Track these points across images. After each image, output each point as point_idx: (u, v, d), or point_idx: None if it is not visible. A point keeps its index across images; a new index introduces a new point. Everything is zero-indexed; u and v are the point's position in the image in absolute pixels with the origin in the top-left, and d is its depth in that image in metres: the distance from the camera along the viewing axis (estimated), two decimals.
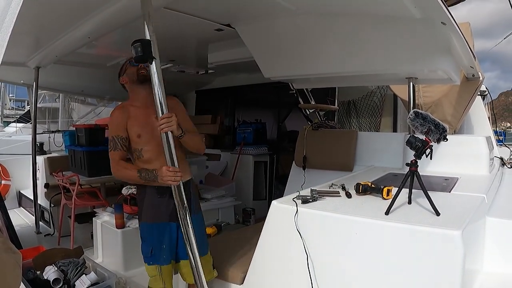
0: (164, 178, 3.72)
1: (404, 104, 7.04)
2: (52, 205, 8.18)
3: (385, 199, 3.51)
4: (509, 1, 9.79)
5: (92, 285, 4.72)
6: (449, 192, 3.82)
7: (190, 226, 3.64)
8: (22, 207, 10.26)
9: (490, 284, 3.02)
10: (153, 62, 3.50)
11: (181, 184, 3.70)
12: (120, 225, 5.95)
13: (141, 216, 4.33)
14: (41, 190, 8.59)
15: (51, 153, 9.87)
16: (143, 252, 4.25)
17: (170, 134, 3.63)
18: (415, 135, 3.37)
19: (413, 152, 3.32)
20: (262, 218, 3.74)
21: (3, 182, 10.10)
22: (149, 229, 4.25)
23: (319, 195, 3.67)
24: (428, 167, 4.64)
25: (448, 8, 3.76)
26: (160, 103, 3.56)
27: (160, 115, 3.57)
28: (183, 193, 3.70)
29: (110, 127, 4.28)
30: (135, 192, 5.80)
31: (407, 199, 3.35)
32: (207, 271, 4.11)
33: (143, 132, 4.17)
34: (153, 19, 3.50)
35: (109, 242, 6.27)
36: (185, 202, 3.65)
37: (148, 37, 3.45)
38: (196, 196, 4.53)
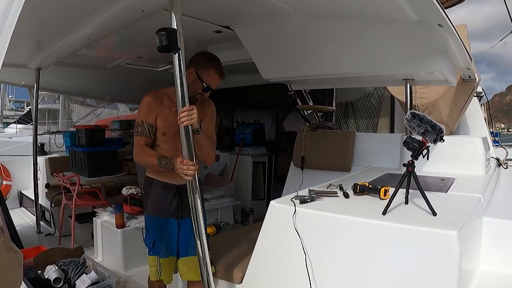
0: (178, 170, 3.73)
1: (401, 105, 7.05)
2: (52, 205, 8.19)
3: (382, 199, 3.51)
4: (506, 5, 9.85)
5: (92, 284, 4.72)
6: (446, 192, 3.82)
7: (202, 221, 3.68)
8: (23, 207, 10.27)
9: (487, 283, 3.02)
10: (178, 53, 3.49)
11: (196, 179, 3.69)
12: (120, 225, 5.96)
13: (145, 208, 4.43)
14: (42, 190, 8.60)
15: (51, 154, 9.89)
16: (146, 242, 4.40)
17: (190, 127, 3.61)
18: (412, 136, 3.36)
19: (410, 153, 3.32)
20: (261, 218, 3.74)
21: (4, 182, 10.11)
22: (151, 221, 4.37)
23: (317, 195, 3.67)
24: (424, 168, 4.65)
25: (445, 10, 3.77)
26: (182, 95, 3.52)
27: (181, 107, 3.52)
28: (198, 188, 3.70)
29: (140, 111, 4.28)
30: (135, 193, 5.81)
31: (404, 199, 3.35)
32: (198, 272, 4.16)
33: (169, 131, 4.21)
34: (181, 6, 3.47)
35: (109, 241, 6.27)
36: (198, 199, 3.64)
37: (174, 26, 3.43)
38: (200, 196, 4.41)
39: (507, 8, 10.19)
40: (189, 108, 3.58)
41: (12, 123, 22.55)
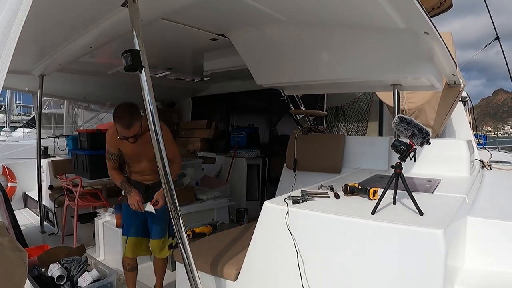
0: (129, 200, 4.88)
1: (389, 110, 7.04)
2: (56, 206, 8.17)
3: (371, 199, 3.51)
4: (490, 15, 9.97)
5: (94, 281, 4.71)
6: (432, 193, 3.82)
7: (180, 220, 3.67)
8: (28, 208, 10.27)
9: (471, 280, 3.01)
10: (143, 71, 3.51)
11: (171, 183, 3.70)
12: (121, 225, 5.94)
13: (123, 200, 5.20)
14: (45, 191, 8.59)
15: (55, 157, 9.87)
16: (120, 224, 5.52)
17: (166, 162, 3.65)
18: (399, 139, 3.37)
19: (398, 155, 3.32)
20: (255, 218, 3.73)
21: (9, 184, 10.11)
22: (124, 208, 5.21)
23: (308, 196, 3.66)
24: (412, 169, 4.67)
25: (431, 18, 3.76)
26: (150, 110, 3.58)
27: (152, 122, 3.59)
28: (174, 191, 3.71)
29: (108, 142, 5.16)
30: None
31: (392, 200, 3.35)
32: (163, 250, 5.22)
33: (130, 158, 5.14)
34: (141, 30, 3.48)
35: (110, 240, 6.26)
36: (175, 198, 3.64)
37: (137, 47, 3.44)
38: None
39: (491, 19, 10.27)
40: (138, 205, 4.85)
41: (19, 127, 22.62)
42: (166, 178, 3.60)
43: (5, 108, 26.11)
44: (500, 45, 10.41)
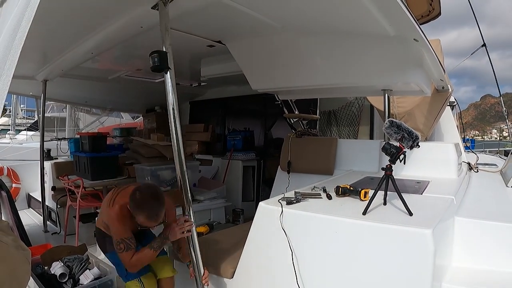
0: (178, 232, 3.77)
1: (380, 114, 7.06)
2: (58, 206, 8.15)
3: (362, 200, 3.52)
4: (477, 24, 10.03)
5: (95, 279, 4.70)
6: (421, 194, 3.83)
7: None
8: (31, 208, 10.25)
9: (458, 278, 3.02)
10: (168, 72, 3.52)
11: (187, 184, 3.69)
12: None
13: (106, 249, 4.29)
14: (48, 192, 8.57)
15: (57, 159, 9.86)
16: (120, 274, 4.28)
17: (183, 163, 3.63)
18: (390, 142, 3.38)
19: (388, 158, 3.33)
20: (250, 218, 3.74)
21: (14, 185, 10.10)
22: (114, 256, 4.12)
23: (302, 197, 3.68)
24: (401, 171, 4.68)
25: (420, 26, 3.77)
26: (172, 110, 3.58)
27: (173, 122, 3.58)
28: (189, 192, 3.71)
29: (118, 230, 3.91)
30: None
31: (383, 201, 3.36)
32: (170, 269, 4.42)
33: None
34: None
35: None
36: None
37: (165, 49, 3.48)
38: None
39: (478, 27, 10.31)
40: (190, 223, 3.77)
41: (23, 130, 22.65)
42: (183, 179, 3.65)
43: (10, 112, 26.13)
44: (487, 52, 10.45)
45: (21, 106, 31.13)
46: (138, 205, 3.71)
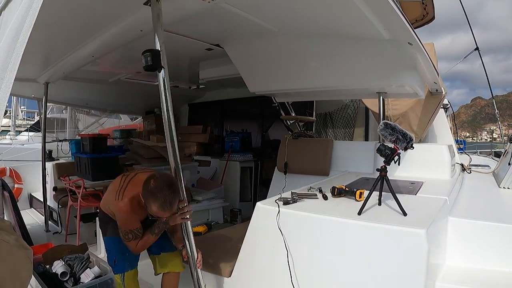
0: (178, 218, 3.68)
1: (375, 116, 7.06)
2: (60, 206, 8.13)
3: (357, 201, 3.53)
4: (471, 29, 10.06)
5: (95, 277, 4.69)
6: (415, 194, 3.84)
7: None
8: (33, 208, 10.23)
9: (452, 276, 3.03)
10: (162, 71, 3.39)
11: (183, 185, 3.65)
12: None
13: (106, 232, 4.21)
14: (50, 192, 8.56)
15: (59, 160, 9.84)
16: (109, 263, 4.17)
17: (179, 162, 3.60)
18: (384, 144, 3.38)
19: (383, 159, 3.33)
20: (248, 218, 3.75)
21: (16, 185, 10.08)
22: (110, 241, 4.18)
23: (298, 197, 3.68)
24: (396, 172, 4.68)
25: (414, 30, 3.78)
26: (167, 109, 3.47)
27: (167, 121, 3.48)
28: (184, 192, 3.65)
29: (127, 222, 3.84)
30: None
31: (378, 201, 3.36)
32: (180, 264, 4.22)
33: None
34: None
35: None
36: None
37: (158, 48, 3.33)
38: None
39: (472, 31, 10.34)
40: (190, 207, 3.66)
41: (24, 131, 22.66)
42: (178, 179, 3.61)
43: (10, 113, 26.15)
44: (479, 54, 10.49)
45: (22, 107, 31.17)
46: (152, 194, 3.53)
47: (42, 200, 8.47)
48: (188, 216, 3.67)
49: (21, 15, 1.70)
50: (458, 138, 10.86)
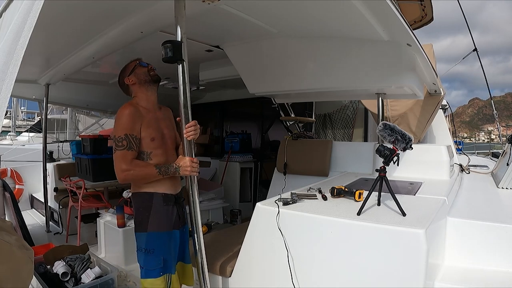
0: (188, 169, 3.35)
1: (374, 117, 7.07)
2: (60, 207, 8.14)
3: (357, 201, 3.52)
4: (469, 31, 10.06)
5: (96, 278, 4.70)
6: (414, 195, 3.83)
7: (200, 225, 3.59)
8: (34, 209, 10.23)
9: (451, 277, 3.02)
10: (181, 64, 3.18)
11: (196, 181, 3.49)
12: (121, 225, 5.94)
13: (148, 226, 3.69)
14: (51, 193, 8.55)
15: (59, 161, 9.85)
16: (150, 264, 3.68)
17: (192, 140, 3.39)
18: (383, 144, 3.37)
19: (382, 159, 3.33)
20: (248, 218, 3.73)
21: (17, 186, 10.08)
22: (159, 238, 3.69)
23: (298, 198, 3.67)
24: (395, 173, 4.68)
25: (413, 31, 3.78)
26: (185, 104, 3.23)
27: (184, 116, 3.26)
28: (196, 191, 3.49)
29: (122, 125, 3.56)
30: None
31: (377, 201, 3.35)
32: (192, 278, 4.04)
33: (157, 136, 3.67)
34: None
35: (111, 239, 6.24)
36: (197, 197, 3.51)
37: (179, 39, 3.15)
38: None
39: (470, 32, 10.35)
40: (195, 123, 3.28)
41: (24, 131, 22.68)
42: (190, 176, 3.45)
43: (10, 114, 26.20)
44: (478, 56, 10.51)
45: (22, 108, 31.23)
46: (125, 66, 3.86)
47: (43, 200, 8.47)
48: (193, 136, 3.31)
49: (22, 17, 1.69)
50: (456, 139, 10.87)
